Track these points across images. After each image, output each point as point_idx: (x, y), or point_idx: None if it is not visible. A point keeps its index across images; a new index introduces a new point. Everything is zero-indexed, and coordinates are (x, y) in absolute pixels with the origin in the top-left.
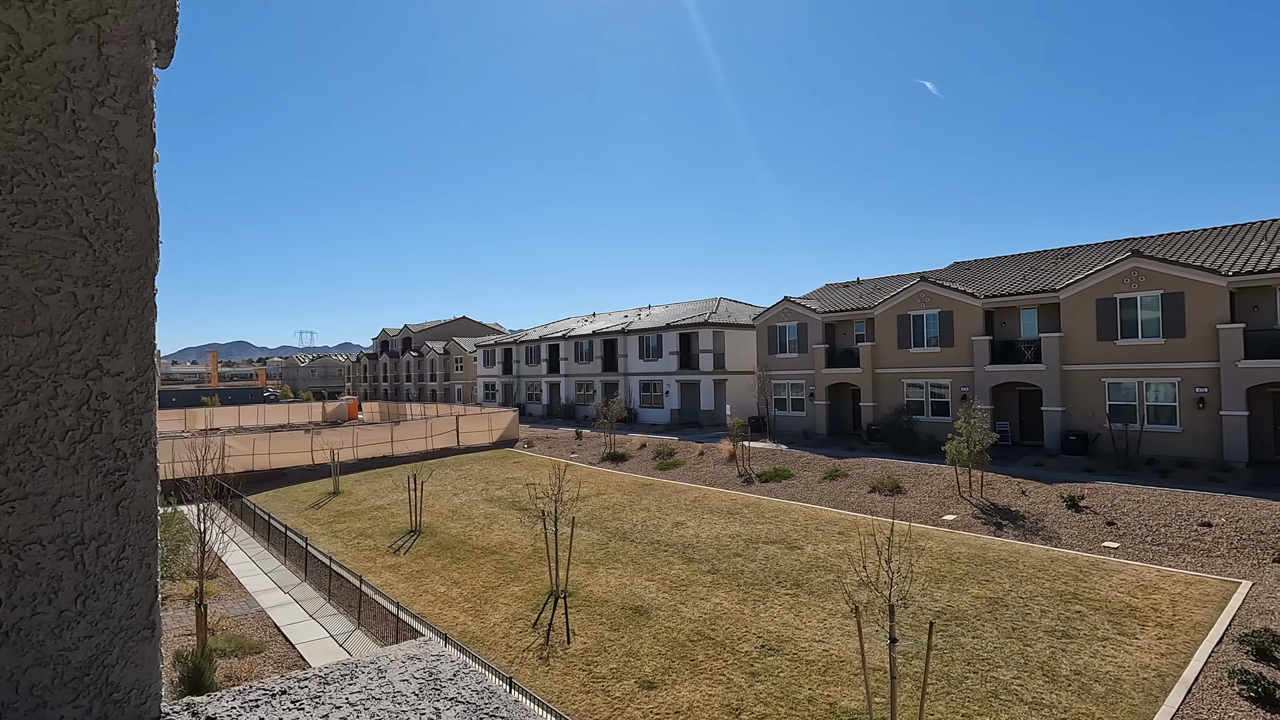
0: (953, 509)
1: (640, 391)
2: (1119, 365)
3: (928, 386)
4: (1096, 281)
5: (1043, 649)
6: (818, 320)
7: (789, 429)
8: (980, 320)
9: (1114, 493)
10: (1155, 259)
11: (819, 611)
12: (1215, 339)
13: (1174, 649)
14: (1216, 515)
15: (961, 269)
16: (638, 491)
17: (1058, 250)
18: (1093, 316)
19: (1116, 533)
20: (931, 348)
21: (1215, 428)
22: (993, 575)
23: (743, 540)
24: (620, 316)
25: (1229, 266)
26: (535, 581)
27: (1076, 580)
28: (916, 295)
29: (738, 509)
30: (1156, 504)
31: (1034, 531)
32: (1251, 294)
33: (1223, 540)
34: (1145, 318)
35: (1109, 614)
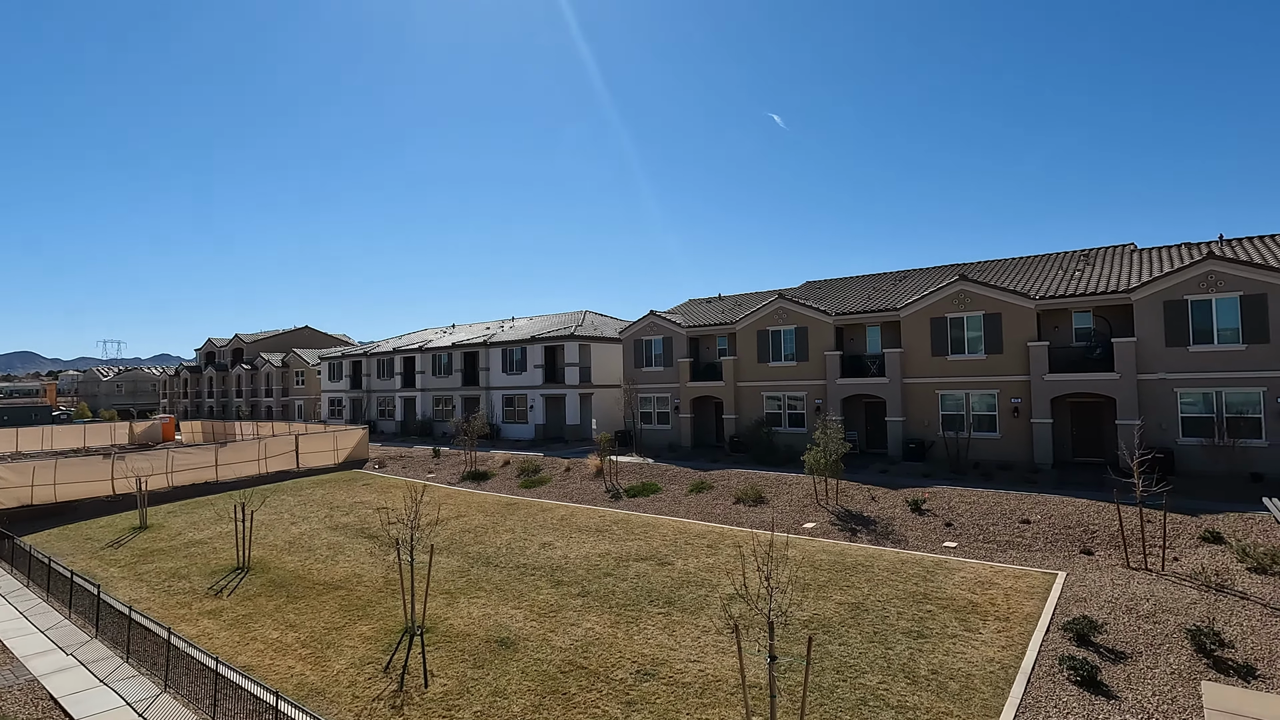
0: (812, 517)
1: (503, 406)
2: (950, 378)
3: (785, 399)
4: (930, 302)
5: (902, 651)
6: (682, 334)
7: (655, 442)
8: (832, 336)
9: (949, 495)
10: (979, 283)
11: (693, 629)
12: (1026, 355)
13: (1012, 641)
14: (1033, 513)
15: (814, 288)
16: (501, 512)
17: (897, 273)
18: (928, 333)
19: (954, 533)
20: (789, 362)
21: (1027, 434)
22: (852, 580)
23: (613, 559)
24: (482, 328)
25: (1036, 291)
26: (388, 618)
27: (925, 580)
28: (775, 312)
29: (606, 526)
30: (984, 504)
31: (885, 535)
32: (1053, 315)
33: (1040, 535)
34: (970, 335)
35: (955, 611)
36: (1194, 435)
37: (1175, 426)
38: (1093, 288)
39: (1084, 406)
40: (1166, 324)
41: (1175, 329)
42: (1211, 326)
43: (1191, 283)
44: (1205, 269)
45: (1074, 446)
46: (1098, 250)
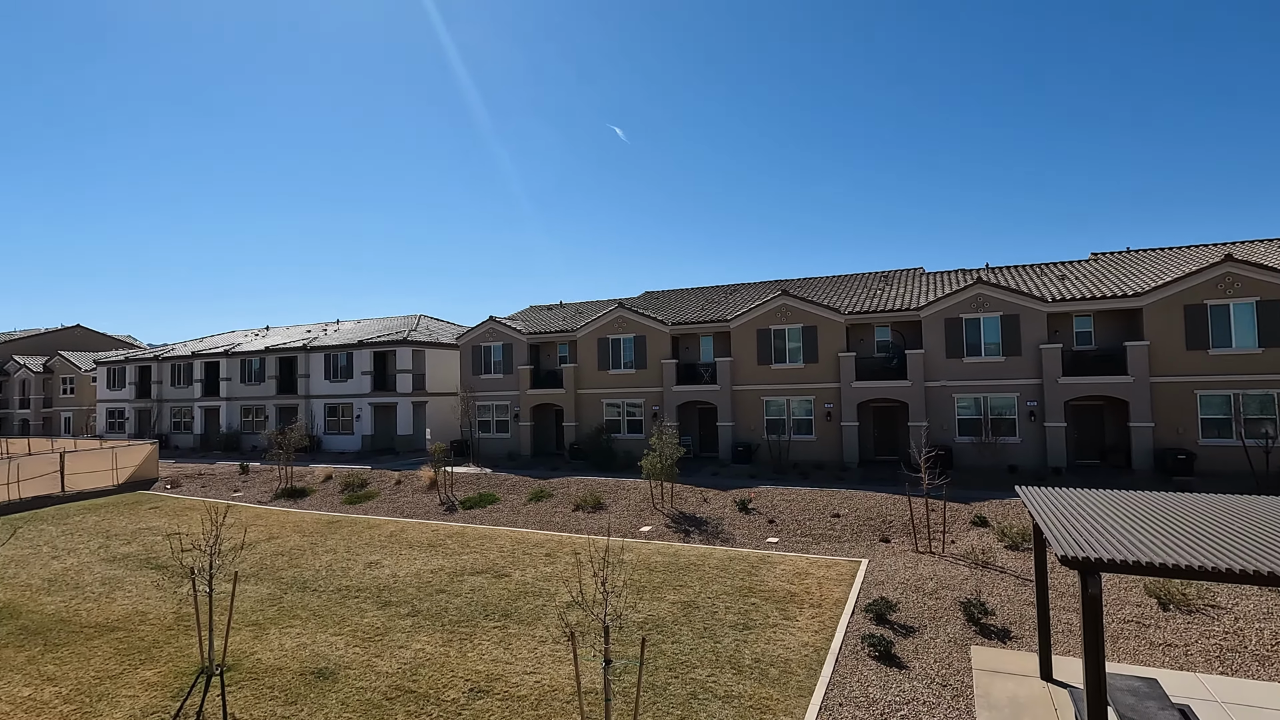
0: (649, 520)
1: (326, 416)
2: (774, 385)
3: (624, 406)
4: (756, 315)
5: (730, 644)
6: (523, 341)
7: (494, 451)
8: (669, 345)
9: (772, 494)
10: (798, 298)
11: (530, 641)
12: (838, 364)
13: (824, 625)
14: (842, 507)
15: (652, 298)
16: (322, 531)
17: (727, 286)
18: (754, 344)
19: (776, 529)
20: (628, 369)
21: (838, 436)
22: (685, 580)
23: (447, 574)
24: (301, 332)
25: (846, 307)
26: (179, 659)
27: (750, 575)
28: (615, 320)
29: (440, 540)
30: (802, 501)
31: (715, 535)
32: (859, 329)
33: (848, 527)
34: (791, 346)
35: (776, 602)
36: (967, 435)
37: (954, 427)
38: (891, 305)
39: (883, 410)
40: (947, 338)
41: (953, 342)
42: (980, 341)
43: (965, 303)
44: (975, 292)
45: (875, 446)
46: (895, 272)
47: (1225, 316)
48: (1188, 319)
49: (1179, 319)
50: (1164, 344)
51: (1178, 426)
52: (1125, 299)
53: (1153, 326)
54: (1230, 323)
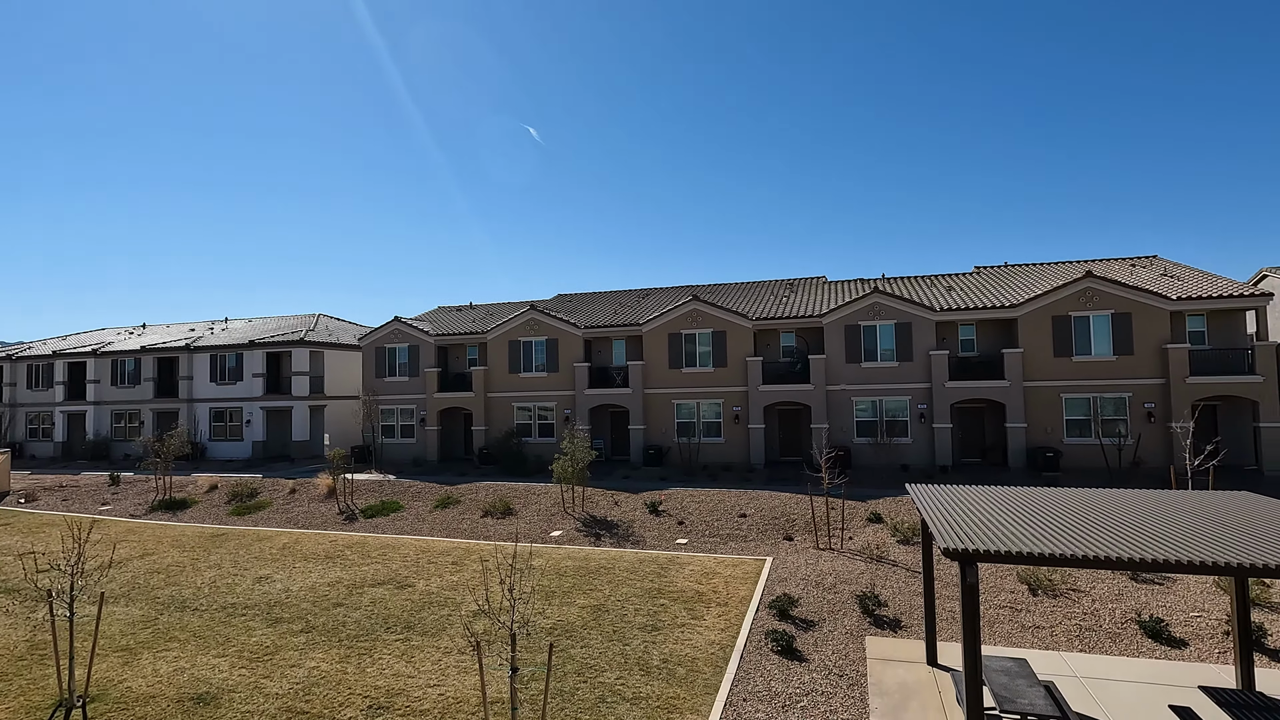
0: (559, 525)
1: (212, 421)
2: (684, 389)
3: (536, 409)
4: (668, 319)
5: (638, 645)
6: (430, 343)
7: (398, 457)
8: (581, 348)
9: (682, 496)
10: (708, 304)
11: (434, 653)
12: (745, 369)
13: (730, 623)
14: (749, 507)
15: (565, 300)
16: (205, 546)
17: (640, 290)
18: (665, 347)
19: (686, 530)
20: (540, 373)
21: (745, 438)
22: (595, 584)
23: (345, 587)
24: (184, 330)
25: (753, 313)
26: (33, 692)
27: (660, 576)
28: (526, 323)
29: (339, 551)
30: (711, 502)
31: (626, 538)
32: (766, 334)
33: (754, 527)
34: (701, 350)
35: (684, 602)
36: (865, 436)
37: (852, 429)
38: (795, 312)
39: (788, 413)
40: (847, 344)
41: (853, 348)
42: (876, 347)
43: (863, 311)
44: (872, 301)
45: (781, 448)
46: (799, 280)
47: (1086, 327)
48: (1055, 329)
49: (1048, 328)
50: (1035, 351)
51: (1047, 427)
52: (1003, 310)
53: (1026, 335)
54: (1090, 332)
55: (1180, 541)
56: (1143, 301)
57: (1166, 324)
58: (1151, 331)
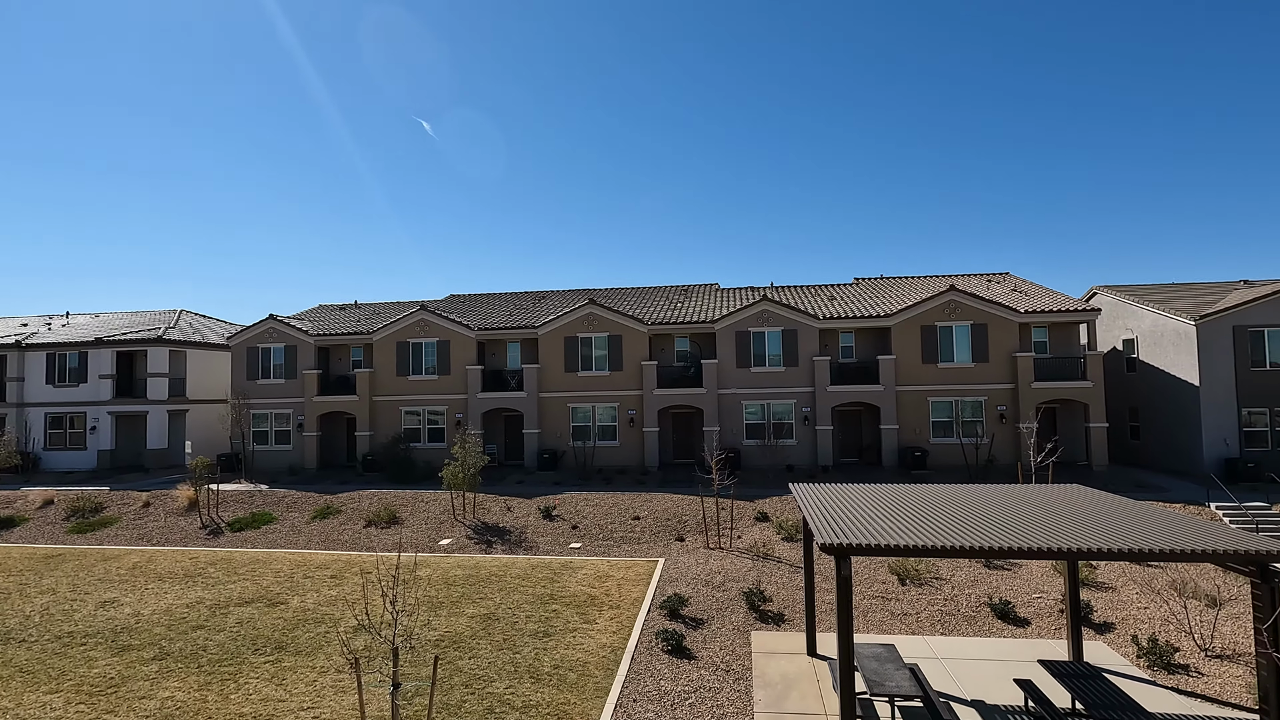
0: (449, 533)
1: (48, 429)
2: (580, 392)
3: (425, 414)
4: (564, 322)
5: (529, 653)
6: (309, 343)
7: (272, 465)
8: (474, 350)
9: (577, 500)
10: (605, 308)
11: (308, 673)
12: (641, 372)
13: (622, 625)
14: (643, 509)
15: (458, 301)
16: (37, 568)
17: (537, 293)
18: (562, 351)
19: (580, 534)
20: (430, 375)
21: (640, 441)
22: (485, 592)
23: (207, 607)
24: (14, 325)
25: (649, 317)
26: None
27: (553, 582)
28: (416, 324)
29: (200, 569)
30: (605, 505)
31: (519, 544)
32: (661, 339)
33: (647, 529)
34: (598, 354)
35: (577, 607)
36: (754, 438)
37: (742, 431)
38: (690, 317)
39: (681, 416)
40: (738, 349)
41: (743, 353)
42: (765, 352)
43: (753, 318)
44: (762, 308)
45: (674, 450)
46: (693, 287)
47: (949, 336)
48: (923, 338)
49: (917, 337)
50: (906, 358)
51: (916, 428)
52: (878, 319)
53: (898, 343)
54: (953, 341)
55: (1023, 531)
56: (997, 314)
57: (1016, 335)
58: (1004, 341)
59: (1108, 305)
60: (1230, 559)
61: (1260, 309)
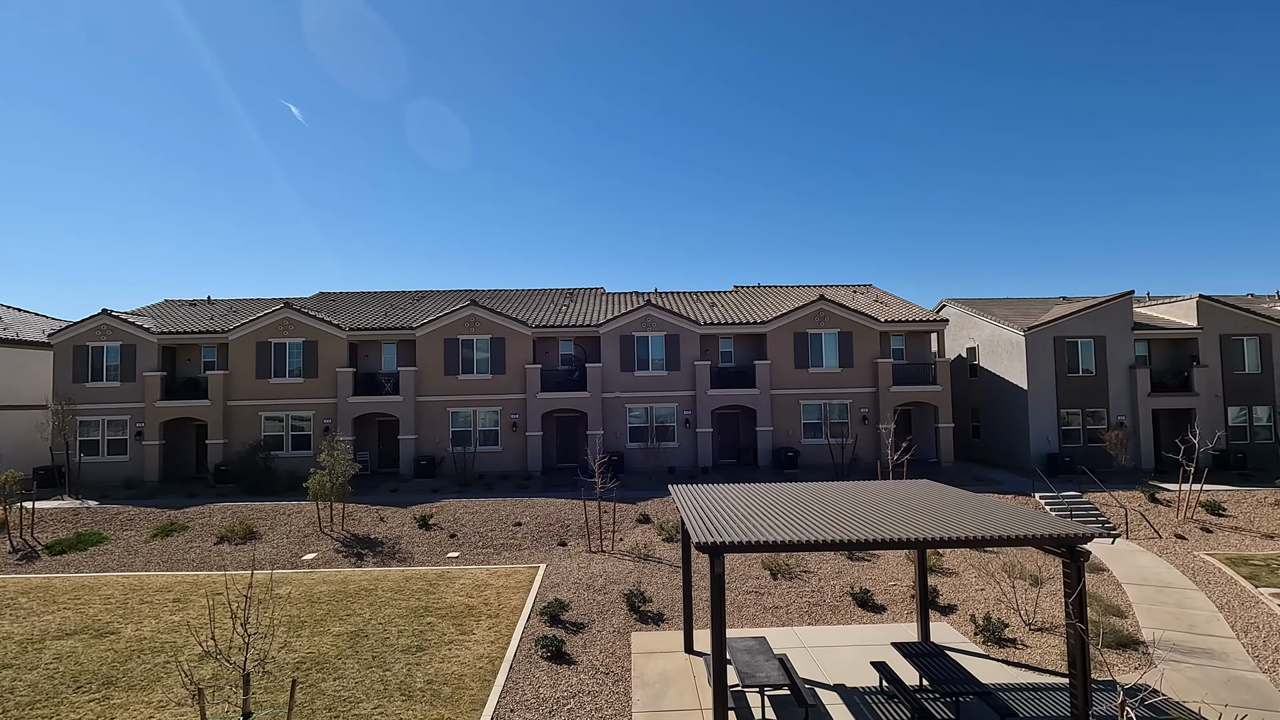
0: (314, 546)
1: None
2: (461, 396)
3: (289, 419)
4: (445, 324)
5: (401, 670)
6: (152, 342)
7: (105, 479)
8: (345, 352)
9: (456, 508)
10: (487, 309)
11: (144, 709)
12: (524, 376)
13: (500, 635)
14: (525, 515)
15: (327, 299)
16: None
17: (415, 292)
18: (441, 353)
19: (458, 543)
20: (295, 378)
21: (523, 446)
22: (354, 608)
23: (16, 643)
24: None
25: (533, 320)
26: None
27: (428, 594)
28: (280, 322)
29: (8, 600)
30: (485, 512)
31: (392, 555)
32: (545, 342)
33: (529, 535)
34: (480, 357)
35: (453, 619)
36: (637, 441)
37: (625, 434)
38: (574, 321)
39: (566, 420)
40: (621, 353)
41: (627, 358)
42: (649, 357)
43: (637, 322)
44: (645, 313)
45: (558, 454)
46: (579, 290)
47: (819, 343)
48: (796, 343)
49: (790, 343)
50: (780, 363)
51: (789, 429)
52: (756, 326)
53: (773, 348)
54: (822, 347)
55: (878, 524)
56: (861, 323)
57: (877, 342)
58: (867, 348)
59: (955, 316)
60: (1046, 542)
61: (1074, 322)
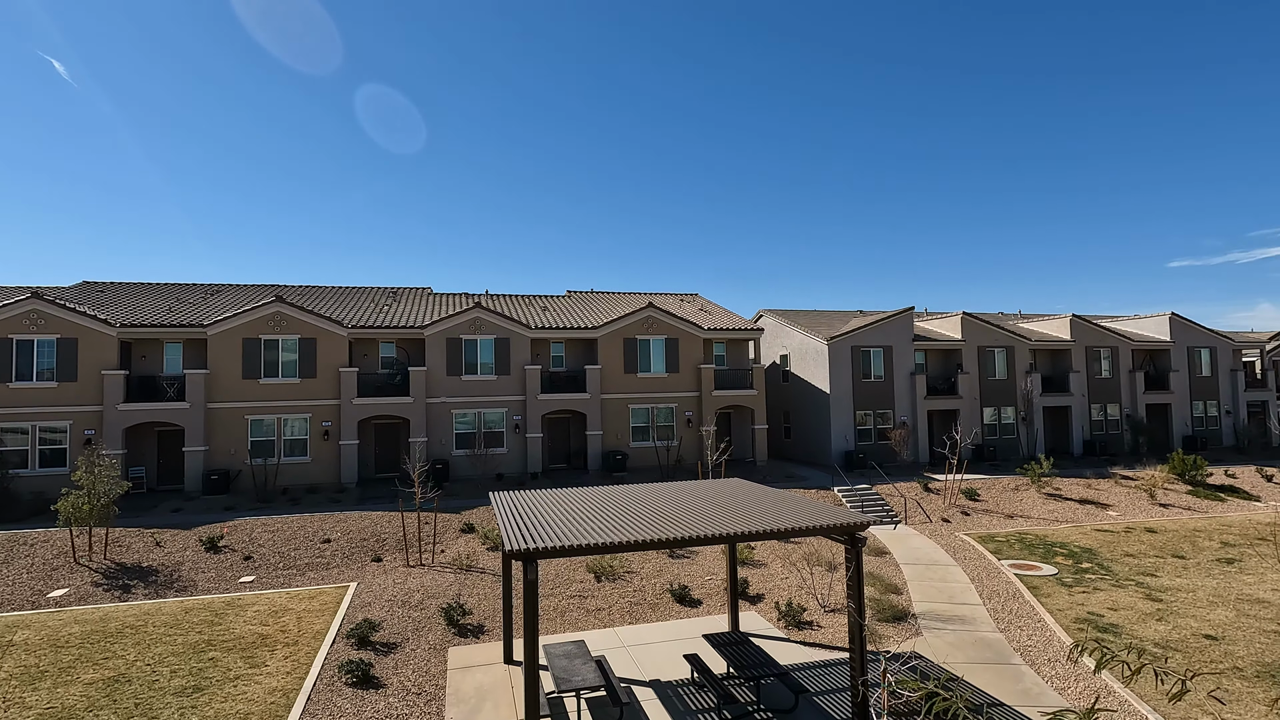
0: (66, 581)
1: None
2: (263, 402)
3: (36, 431)
4: (244, 321)
5: (171, 715)
6: None
7: None
8: (115, 351)
9: (253, 526)
10: (296, 307)
11: None
12: (338, 380)
13: (299, 664)
14: (335, 531)
15: (92, 290)
16: None
17: (209, 285)
18: (240, 355)
19: (254, 565)
20: (45, 383)
21: (336, 455)
22: (114, 649)
23: None
24: None
25: (350, 320)
26: None
27: (212, 626)
28: (24, 315)
29: None
30: (289, 530)
31: (169, 585)
32: (364, 344)
33: (339, 552)
34: (286, 359)
35: (242, 651)
36: (464, 448)
37: (452, 441)
38: (397, 321)
39: (386, 427)
40: (448, 357)
41: (454, 361)
42: (477, 360)
43: (465, 325)
44: (475, 315)
45: (377, 464)
46: (404, 289)
47: (648, 348)
48: (625, 349)
49: (620, 348)
50: (611, 368)
51: (618, 433)
52: (587, 330)
53: (604, 353)
54: (650, 353)
55: (690, 521)
56: (687, 330)
57: (701, 349)
58: (691, 354)
59: (770, 326)
60: (831, 531)
61: (868, 333)
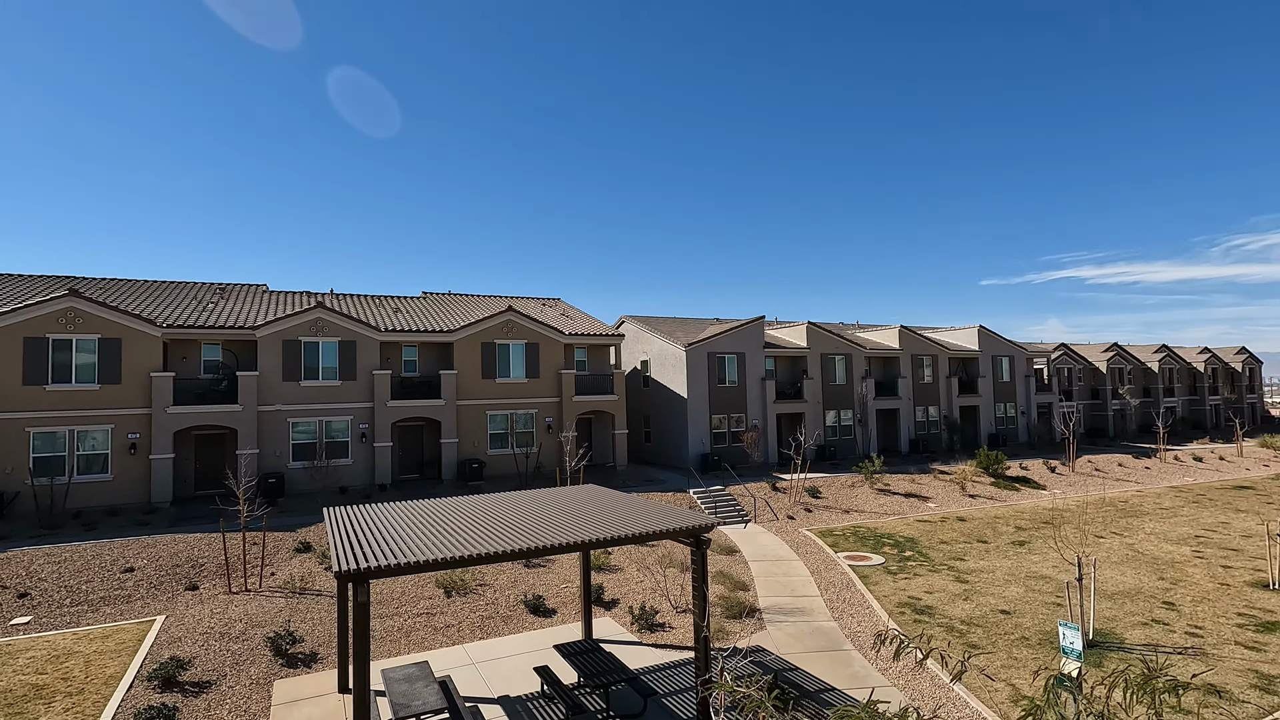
0: None
1: None
2: (50, 412)
3: None
4: (27, 318)
5: None
6: None
7: None
8: None
9: (32, 558)
10: (96, 302)
11: None
12: (150, 386)
13: (84, 716)
14: (139, 558)
15: None
16: None
17: None
18: (21, 356)
19: (31, 604)
20: None
21: (146, 472)
22: None
23: None
24: None
25: (165, 319)
26: None
27: None
28: None
29: None
30: (80, 560)
31: None
32: (183, 345)
33: (144, 582)
34: (81, 362)
35: (9, 706)
36: (302, 459)
37: (288, 453)
38: (225, 321)
39: (210, 438)
40: (285, 361)
41: (291, 365)
42: (318, 365)
43: (305, 326)
44: (316, 315)
45: (197, 480)
46: (234, 286)
47: (507, 353)
48: (484, 353)
49: (478, 353)
50: (468, 373)
51: (475, 440)
52: (443, 334)
53: (460, 358)
54: (509, 358)
55: (544, 530)
56: (547, 335)
57: (562, 354)
58: (552, 359)
59: (631, 332)
60: (679, 534)
61: (723, 340)
